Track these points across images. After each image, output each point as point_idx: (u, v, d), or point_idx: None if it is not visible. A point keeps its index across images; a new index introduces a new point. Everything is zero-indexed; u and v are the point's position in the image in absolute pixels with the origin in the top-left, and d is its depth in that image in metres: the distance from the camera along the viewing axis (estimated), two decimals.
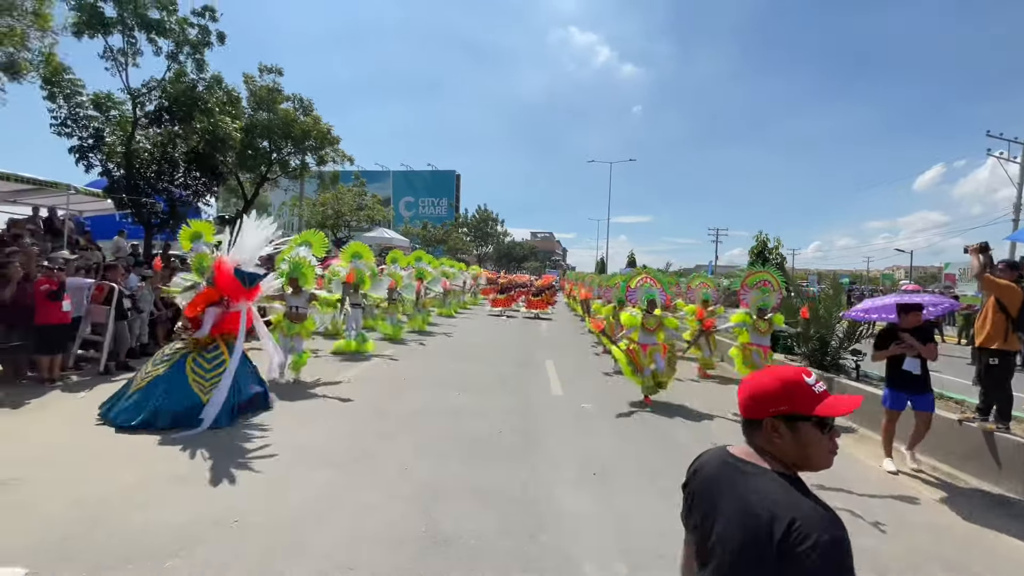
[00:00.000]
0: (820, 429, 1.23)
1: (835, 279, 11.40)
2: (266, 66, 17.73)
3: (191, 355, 5.71)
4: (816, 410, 1.23)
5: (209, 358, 5.79)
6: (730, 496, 1.25)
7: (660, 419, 6.53)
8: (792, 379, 1.26)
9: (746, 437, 1.35)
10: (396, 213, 54.39)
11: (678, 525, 1.43)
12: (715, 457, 1.39)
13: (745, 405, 1.32)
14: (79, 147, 11.67)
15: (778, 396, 1.25)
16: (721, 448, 1.41)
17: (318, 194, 26.17)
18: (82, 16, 10.90)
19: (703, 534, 1.29)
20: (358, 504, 3.74)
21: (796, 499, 1.15)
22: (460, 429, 5.62)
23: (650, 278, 8.32)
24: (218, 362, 5.78)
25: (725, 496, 1.26)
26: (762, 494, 1.18)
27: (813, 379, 1.26)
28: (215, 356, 5.82)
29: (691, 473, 1.44)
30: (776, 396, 1.26)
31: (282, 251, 8.14)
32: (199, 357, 5.72)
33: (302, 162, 19.08)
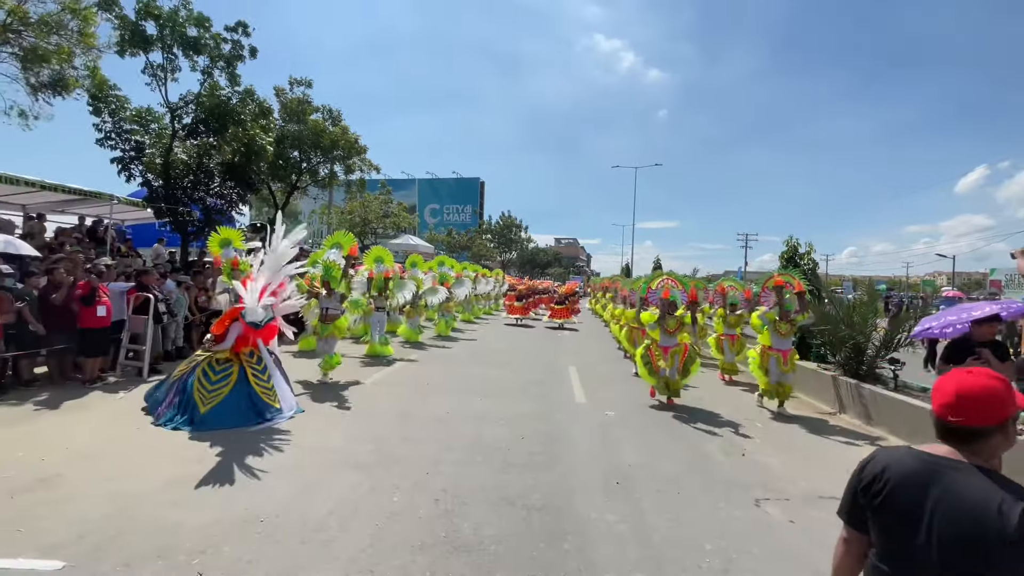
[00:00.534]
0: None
1: (871, 285, 10.96)
2: (296, 79, 18.27)
3: (247, 367, 5.89)
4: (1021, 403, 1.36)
5: (260, 369, 6.00)
6: (943, 492, 1.31)
7: (685, 427, 6.39)
8: (1005, 380, 1.35)
9: (956, 441, 1.39)
10: (421, 220, 55.06)
11: (702, 535, 1.40)
12: (906, 456, 1.44)
13: (978, 413, 1.34)
14: (121, 159, 12.22)
15: (1008, 399, 1.33)
16: (904, 448, 1.49)
17: (346, 202, 26.73)
18: (125, 34, 11.45)
19: (906, 531, 1.34)
20: (381, 508, 3.76)
21: (1017, 488, 1.26)
22: (483, 435, 5.61)
23: (671, 279, 8.24)
24: (225, 374, 5.79)
25: (936, 492, 1.31)
26: (982, 488, 1.27)
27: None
28: (224, 370, 5.84)
29: (874, 475, 1.47)
30: (1008, 399, 1.33)
31: (314, 254, 8.42)
32: (253, 371, 5.90)
33: (331, 171, 19.54)
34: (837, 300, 9.38)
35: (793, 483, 4.71)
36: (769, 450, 5.70)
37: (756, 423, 6.81)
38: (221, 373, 5.78)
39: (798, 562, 3.33)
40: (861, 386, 7.18)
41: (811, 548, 3.50)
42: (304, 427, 5.62)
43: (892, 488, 1.40)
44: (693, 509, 4.04)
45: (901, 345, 7.58)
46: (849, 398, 7.39)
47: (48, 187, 9.87)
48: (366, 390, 7.53)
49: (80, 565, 2.87)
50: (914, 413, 6.11)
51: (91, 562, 2.90)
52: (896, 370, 7.16)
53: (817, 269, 10.86)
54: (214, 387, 5.65)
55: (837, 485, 4.62)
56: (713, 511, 4.02)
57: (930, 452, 1.41)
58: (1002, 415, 1.33)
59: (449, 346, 12.49)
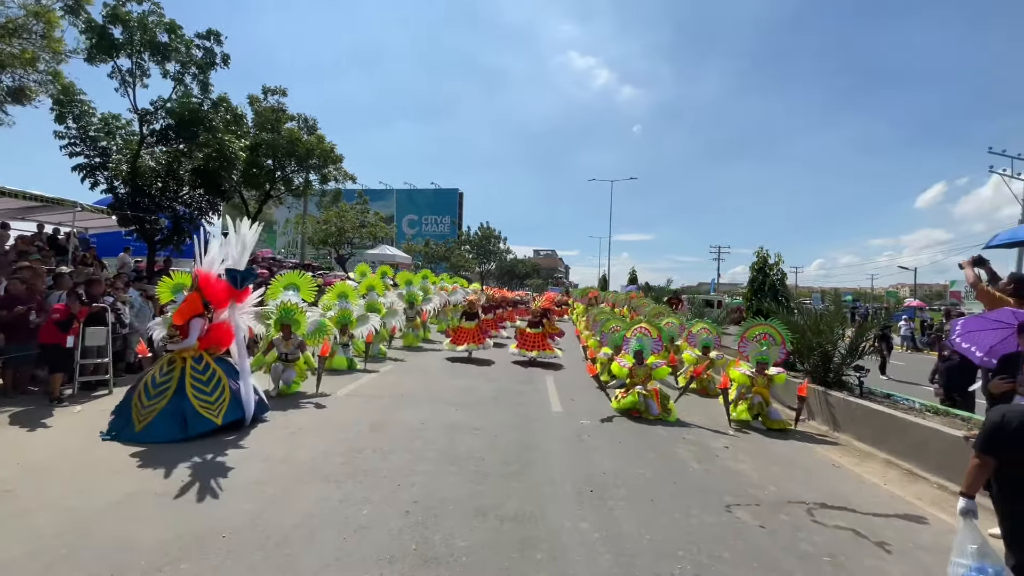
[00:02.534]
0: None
1: (836, 295, 11.31)
2: (270, 88, 18.06)
3: (187, 378, 5.55)
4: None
5: (205, 380, 5.65)
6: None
7: (658, 435, 6.43)
8: None
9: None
10: (399, 231, 54.66)
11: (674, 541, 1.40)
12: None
13: None
14: (86, 165, 11.83)
15: None
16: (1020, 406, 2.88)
17: (321, 212, 26.39)
18: (92, 39, 11.16)
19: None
20: (349, 521, 3.67)
21: None
22: (456, 445, 5.54)
23: (647, 327, 8.35)
24: (215, 381, 5.68)
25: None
26: None
27: None
28: (209, 376, 5.69)
29: (1008, 424, 2.67)
30: None
31: (266, 293, 7.95)
32: (196, 382, 5.56)
33: (306, 180, 19.28)
34: (805, 310, 9.64)
35: (763, 489, 4.78)
36: (740, 456, 5.78)
37: (727, 431, 6.90)
38: (160, 386, 5.48)
39: (768, 566, 3.36)
40: (828, 393, 7.36)
41: (781, 552, 3.55)
42: (271, 439, 5.47)
43: (1016, 428, 2.62)
44: (665, 516, 4.05)
45: (865, 353, 7.86)
46: (817, 405, 7.56)
47: (7, 193, 9.47)
48: (338, 402, 7.38)
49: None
50: (878, 419, 6.29)
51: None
52: (861, 377, 7.37)
53: (786, 280, 11.17)
54: (151, 403, 5.39)
55: (805, 490, 4.77)
56: (685, 517, 4.04)
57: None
58: None
59: (422, 358, 12.34)
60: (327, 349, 7.94)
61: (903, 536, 3.94)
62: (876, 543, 3.78)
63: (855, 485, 5.09)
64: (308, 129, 18.62)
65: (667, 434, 6.53)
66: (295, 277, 8.81)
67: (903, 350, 23.88)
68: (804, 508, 4.38)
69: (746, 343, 8.13)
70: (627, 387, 7.51)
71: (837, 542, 3.76)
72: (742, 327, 8.77)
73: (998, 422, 2.71)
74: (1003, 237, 5.45)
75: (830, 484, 5.05)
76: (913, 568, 3.46)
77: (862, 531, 3.97)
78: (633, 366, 7.54)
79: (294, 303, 7.95)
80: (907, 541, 3.86)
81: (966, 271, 5.00)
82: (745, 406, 7.25)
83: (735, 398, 7.36)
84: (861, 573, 3.35)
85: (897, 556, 3.61)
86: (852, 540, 3.83)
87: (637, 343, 7.86)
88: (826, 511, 4.35)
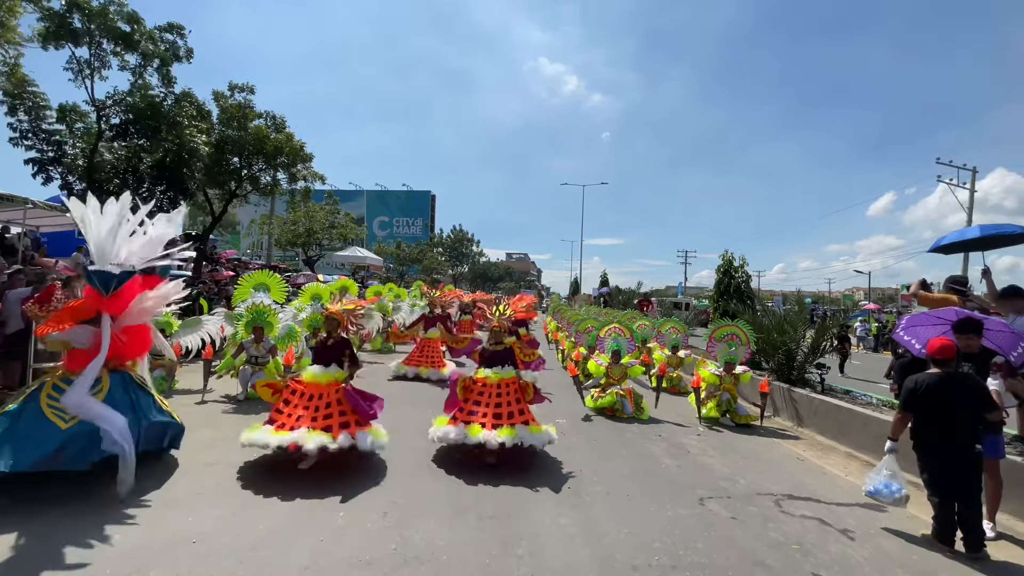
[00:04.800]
0: None
1: (799, 297, 11.80)
2: (237, 84, 17.55)
3: (48, 383, 4.07)
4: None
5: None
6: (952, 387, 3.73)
7: (632, 434, 6.55)
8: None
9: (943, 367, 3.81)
10: (370, 232, 53.91)
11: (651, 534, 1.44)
12: (929, 375, 3.83)
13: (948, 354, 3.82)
14: (38, 160, 11.25)
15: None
16: (928, 373, 3.88)
17: (288, 212, 25.79)
18: (50, 27, 10.64)
19: (946, 408, 3.70)
20: (328, 523, 3.61)
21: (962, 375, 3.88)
22: (433, 446, 5.50)
23: (620, 327, 8.50)
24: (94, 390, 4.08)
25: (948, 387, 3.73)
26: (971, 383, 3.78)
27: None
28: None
29: (918, 387, 3.81)
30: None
31: (234, 294, 7.69)
32: (60, 382, 4.06)
33: (273, 179, 18.80)
34: (770, 311, 9.99)
35: (733, 482, 4.93)
36: (710, 452, 5.94)
37: (697, 428, 7.08)
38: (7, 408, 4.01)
39: (741, 553, 3.47)
40: (792, 390, 7.65)
41: (752, 540, 3.67)
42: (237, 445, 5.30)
43: (923, 390, 3.76)
44: (641, 510, 4.13)
45: (827, 352, 8.22)
46: (781, 401, 7.85)
47: None
48: None
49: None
50: (839, 414, 6.57)
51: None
52: (823, 374, 7.69)
53: (750, 281, 11.56)
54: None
55: (773, 482, 4.94)
56: (660, 511, 4.13)
57: (933, 373, 3.84)
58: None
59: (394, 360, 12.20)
60: (291, 357, 7.64)
61: (865, 523, 4.13)
62: (840, 531, 3.95)
63: (819, 477, 5.31)
64: (276, 127, 18.13)
65: (640, 432, 6.66)
66: (264, 277, 8.57)
67: (859, 350, 24.97)
68: (772, 499, 4.53)
69: (714, 343, 8.39)
70: (603, 386, 7.62)
71: (804, 531, 3.91)
72: (710, 328, 9.04)
73: (911, 387, 3.87)
74: (951, 238, 5.82)
75: (796, 476, 5.25)
76: (875, 552, 3.63)
77: (827, 520, 4.15)
78: (609, 365, 7.65)
79: (266, 304, 7.74)
80: (869, 528, 4.05)
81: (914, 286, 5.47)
82: (714, 404, 7.46)
83: (704, 397, 7.56)
84: (827, 559, 3.49)
85: (860, 542, 3.78)
86: (818, 528, 3.99)
87: (614, 343, 7.96)
88: (793, 502, 4.52)
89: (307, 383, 4.75)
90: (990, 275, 5.39)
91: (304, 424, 4.45)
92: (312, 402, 4.63)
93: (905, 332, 4.76)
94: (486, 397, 5.07)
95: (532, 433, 4.90)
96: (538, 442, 4.96)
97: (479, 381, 5.20)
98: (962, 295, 5.17)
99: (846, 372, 13.90)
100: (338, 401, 4.70)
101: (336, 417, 4.61)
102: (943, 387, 3.73)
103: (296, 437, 4.28)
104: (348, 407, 4.72)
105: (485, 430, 4.74)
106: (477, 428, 4.77)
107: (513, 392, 5.15)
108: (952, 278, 5.55)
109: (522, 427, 4.87)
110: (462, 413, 5.05)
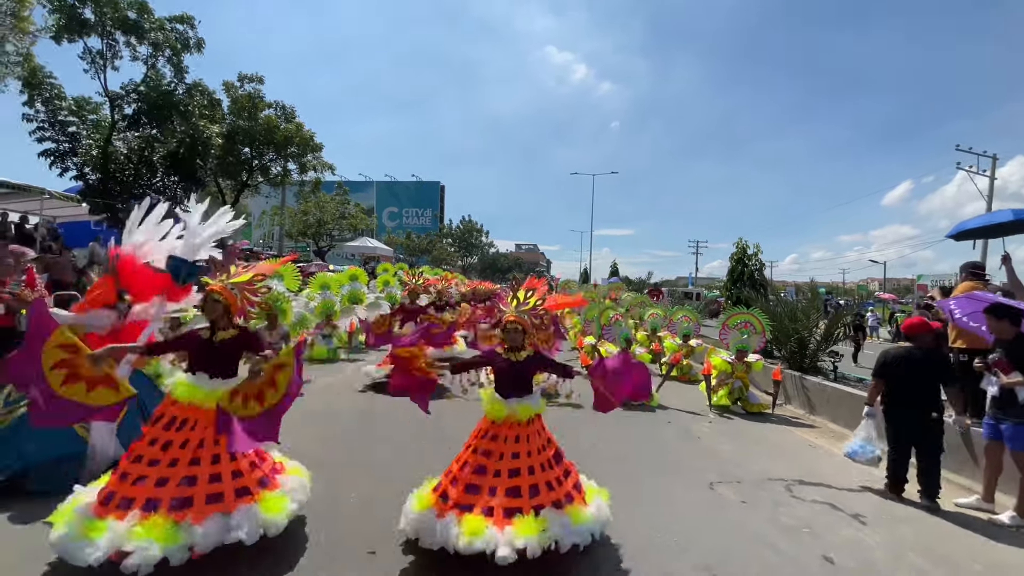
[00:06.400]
0: None
1: (813, 286, 11.65)
2: (246, 75, 17.63)
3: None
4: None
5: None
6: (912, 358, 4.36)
7: (641, 419, 6.55)
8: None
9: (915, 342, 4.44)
10: (379, 223, 54.14)
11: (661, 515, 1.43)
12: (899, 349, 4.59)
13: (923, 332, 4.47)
14: (54, 151, 11.43)
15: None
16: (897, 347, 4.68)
17: (299, 203, 25.96)
18: (61, 19, 10.75)
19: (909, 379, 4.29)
20: (341, 503, 3.66)
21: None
22: (445, 428, 5.53)
23: (620, 317, 8.45)
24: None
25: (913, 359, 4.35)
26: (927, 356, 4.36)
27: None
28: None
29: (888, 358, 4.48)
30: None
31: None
32: None
33: (284, 169, 18.94)
34: (782, 299, 9.89)
35: (744, 468, 4.92)
36: (720, 439, 5.93)
37: (708, 415, 7.07)
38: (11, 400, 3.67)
39: (751, 535, 3.48)
40: (804, 378, 7.59)
41: (761, 524, 3.67)
42: None
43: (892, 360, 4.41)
44: (652, 492, 4.14)
45: (840, 339, 8.14)
46: (794, 390, 7.79)
47: None
48: (319, 393, 7.31)
49: None
50: (852, 401, 6.50)
51: None
52: (835, 362, 7.62)
53: (764, 270, 11.45)
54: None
55: (785, 468, 4.91)
56: (671, 493, 4.14)
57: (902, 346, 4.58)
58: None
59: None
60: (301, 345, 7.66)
61: (877, 509, 4.11)
62: (852, 515, 3.93)
63: (831, 463, 5.27)
64: (286, 117, 18.27)
65: (650, 419, 6.66)
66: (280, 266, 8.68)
67: (872, 340, 24.68)
68: (783, 485, 4.52)
69: (727, 331, 8.31)
70: (719, 383, 7.44)
71: (815, 515, 3.90)
72: (724, 315, 8.95)
73: (882, 358, 4.48)
74: (978, 222, 5.68)
75: (807, 463, 5.22)
76: (888, 537, 3.61)
77: (839, 505, 4.13)
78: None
79: (280, 292, 7.85)
80: (881, 514, 4.02)
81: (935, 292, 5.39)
82: (725, 391, 7.41)
83: (716, 384, 7.52)
84: (839, 542, 3.48)
85: (872, 526, 3.76)
86: (829, 513, 3.97)
87: (623, 332, 7.86)
88: (804, 487, 4.50)
89: (181, 404, 2.96)
90: (1010, 262, 5.27)
91: (161, 494, 2.67)
92: (186, 449, 2.83)
93: (971, 319, 4.51)
94: (495, 458, 3.01)
95: (576, 524, 2.87)
96: (582, 537, 2.86)
97: (485, 427, 3.16)
98: (982, 279, 5.09)
99: (859, 361, 13.76)
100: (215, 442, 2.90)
101: (226, 473, 2.86)
102: (909, 359, 4.33)
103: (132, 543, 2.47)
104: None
105: (491, 526, 2.74)
106: (476, 523, 2.75)
107: (542, 441, 3.17)
108: (971, 263, 5.44)
109: (555, 514, 2.85)
110: (455, 485, 3.01)
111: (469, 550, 2.66)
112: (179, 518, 2.60)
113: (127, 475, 2.75)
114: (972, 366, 4.99)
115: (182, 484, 2.73)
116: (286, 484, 3.14)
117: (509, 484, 2.90)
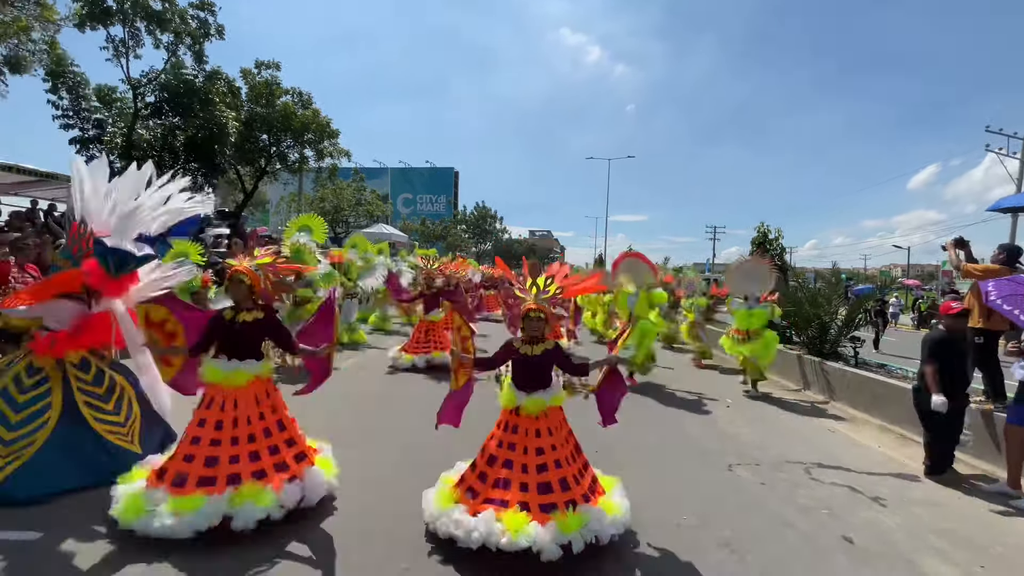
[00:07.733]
0: None
1: (835, 271, 11.49)
2: (263, 61, 17.73)
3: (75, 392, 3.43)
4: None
5: (102, 395, 3.56)
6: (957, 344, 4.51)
7: (660, 403, 6.59)
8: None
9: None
10: (394, 210, 54.38)
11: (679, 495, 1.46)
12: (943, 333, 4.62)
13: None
14: (80, 138, 11.69)
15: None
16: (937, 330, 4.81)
17: (316, 189, 26.19)
18: (84, 8, 10.92)
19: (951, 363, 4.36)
20: (364, 481, 3.78)
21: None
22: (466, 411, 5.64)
23: (635, 254, 8.37)
24: (116, 396, 3.63)
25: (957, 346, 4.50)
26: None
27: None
28: (108, 390, 3.60)
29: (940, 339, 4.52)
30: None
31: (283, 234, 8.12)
32: (89, 397, 3.48)
33: (301, 155, 19.11)
34: (804, 284, 9.77)
35: (762, 451, 4.94)
36: (739, 423, 5.94)
37: (727, 400, 7.07)
38: (29, 407, 3.31)
39: (769, 515, 3.52)
40: (824, 364, 7.52)
41: (780, 504, 3.70)
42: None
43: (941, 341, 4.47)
44: (671, 473, 4.20)
45: (861, 325, 8.04)
46: (813, 375, 7.74)
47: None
48: (340, 374, 7.46)
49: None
50: (873, 387, 6.45)
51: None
52: (857, 347, 7.54)
53: (784, 255, 11.29)
54: (15, 435, 3.22)
55: (804, 452, 4.91)
56: (689, 475, 4.19)
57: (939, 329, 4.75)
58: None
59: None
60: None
61: (897, 492, 4.11)
62: (872, 498, 3.94)
63: (850, 448, 5.26)
64: (303, 103, 18.37)
65: (666, 402, 6.69)
66: (310, 219, 8.89)
67: (893, 326, 24.23)
68: (802, 468, 4.53)
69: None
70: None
71: (834, 497, 3.92)
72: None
73: (931, 341, 4.52)
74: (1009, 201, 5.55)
75: (826, 447, 5.21)
76: (907, 519, 3.62)
77: (858, 487, 4.13)
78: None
79: (304, 243, 8.10)
80: (901, 497, 4.02)
81: (950, 253, 5.23)
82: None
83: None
84: (858, 523, 3.50)
85: (892, 509, 3.77)
86: (848, 495, 3.99)
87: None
88: (823, 470, 4.51)
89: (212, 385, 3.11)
90: None
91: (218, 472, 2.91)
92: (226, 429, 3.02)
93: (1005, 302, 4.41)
94: (519, 451, 2.99)
95: (609, 515, 2.90)
96: (617, 529, 2.92)
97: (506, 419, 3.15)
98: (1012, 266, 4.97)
99: (880, 348, 13.56)
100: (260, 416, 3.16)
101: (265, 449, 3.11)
102: (952, 343, 4.49)
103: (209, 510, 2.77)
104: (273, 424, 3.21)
105: (533, 523, 2.71)
106: (518, 520, 2.70)
107: (564, 433, 3.21)
108: (1015, 247, 5.27)
109: (592, 509, 2.89)
110: (481, 481, 3.01)
111: (513, 547, 2.63)
112: (258, 475, 2.98)
113: (192, 456, 2.98)
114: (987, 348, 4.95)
115: (251, 457, 3.03)
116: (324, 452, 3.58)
117: (539, 479, 2.90)
